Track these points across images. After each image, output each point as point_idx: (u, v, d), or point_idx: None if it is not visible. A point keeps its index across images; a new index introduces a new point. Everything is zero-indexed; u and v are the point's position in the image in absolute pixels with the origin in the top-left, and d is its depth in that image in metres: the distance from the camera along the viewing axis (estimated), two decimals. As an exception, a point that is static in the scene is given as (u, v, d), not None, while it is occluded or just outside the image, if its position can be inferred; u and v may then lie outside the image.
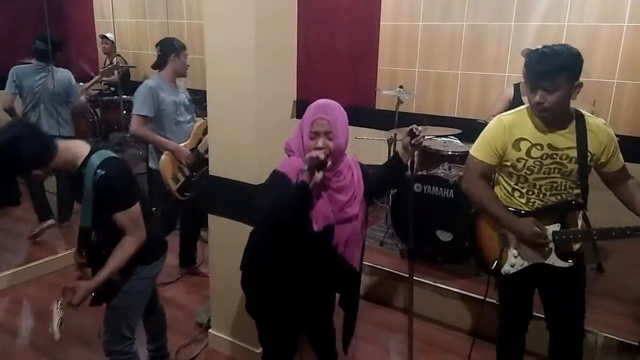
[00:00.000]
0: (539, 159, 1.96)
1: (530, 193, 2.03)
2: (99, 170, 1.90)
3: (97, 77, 5.33)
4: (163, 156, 3.31)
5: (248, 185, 2.47)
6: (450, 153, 3.62)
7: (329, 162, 1.73)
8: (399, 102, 3.87)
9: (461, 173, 3.40)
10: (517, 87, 3.75)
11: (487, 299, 2.28)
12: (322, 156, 1.70)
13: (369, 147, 4.11)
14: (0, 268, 3.65)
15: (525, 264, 2.06)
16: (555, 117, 1.90)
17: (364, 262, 2.03)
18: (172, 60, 3.37)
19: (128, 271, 2.11)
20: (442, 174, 3.35)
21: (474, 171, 2.09)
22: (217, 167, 2.65)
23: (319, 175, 1.69)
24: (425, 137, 1.99)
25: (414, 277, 3.16)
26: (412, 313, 2.48)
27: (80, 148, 1.99)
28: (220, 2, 2.45)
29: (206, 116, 2.88)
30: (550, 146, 1.94)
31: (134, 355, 2.24)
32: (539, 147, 1.95)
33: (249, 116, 2.43)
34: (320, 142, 1.76)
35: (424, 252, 3.34)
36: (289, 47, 2.55)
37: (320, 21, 4.72)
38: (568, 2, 3.83)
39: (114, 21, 6.38)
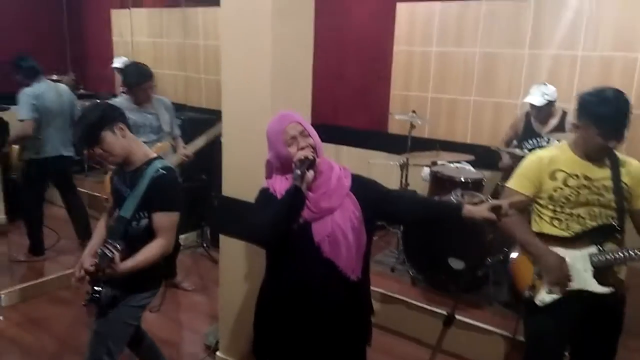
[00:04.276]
0: (575, 189, 2.02)
1: (569, 221, 2.06)
2: (160, 170, 2.05)
3: None
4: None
5: (261, 207, 2.47)
6: (463, 180, 3.60)
7: (317, 158, 1.75)
8: (412, 126, 3.89)
9: (475, 200, 3.38)
10: (527, 115, 3.76)
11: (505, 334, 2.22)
12: (310, 155, 1.73)
13: (382, 171, 4.12)
14: (12, 283, 3.67)
15: (564, 292, 2.02)
16: (594, 150, 2.00)
17: (374, 288, 1.98)
18: (127, 91, 3.37)
19: (127, 298, 2.11)
20: (454, 200, 3.32)
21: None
22: (230, 188, 2.66)
23: (310, 174, 1.71)
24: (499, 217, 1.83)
25: (426, 306, 3.16)
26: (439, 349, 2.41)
27: (150, 151, 2.18)
28: (237, 25, 2.48)
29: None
30: (586, 177, 2.02)
31: None
32: (575, 177, 2.02)
33: (263, 139, 2.44)
34: (301, 143, 1.77)
35: (436, 281, 3.30)
36: (305, 71, 2.57)
37: (334, 45, 4.78)
38: (582, 31, 3.84)
39: (132, 41, 6.51)
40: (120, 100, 3.38)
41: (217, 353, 2.89)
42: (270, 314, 1.94)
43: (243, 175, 2.57)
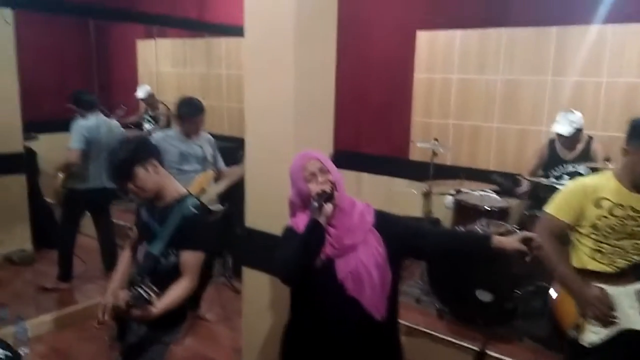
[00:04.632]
0: (621, 219, 1.95)
1: (612, 254, 1.98)
2: (192, 209, 2.06)
3: None
4: None
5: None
6: (487, 208, 3.55)
7: (336, 193, 1.76)
8: (434, 154, 3.86)
9: (501, 230, 3.33)
10: (551, 142, 3.70)
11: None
12: (327, 188, 1.75)
13: (404, 198, 4.09)
14: (38, 313, 3.70)
15: (612, 331, 1.93)
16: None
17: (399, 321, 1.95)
18: (179, 122, 3.62)
19: (153, 335, 2.11)
20: (479, 230, 3.27)
21: (545, 228, 2.06)
22: (253, 219, 2.66)
23: (328, 207, 1.71)
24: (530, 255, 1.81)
25: (453, 340, 3.08)
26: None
27: (181, 187, 2.19)
28: (260, 54, 2.51)
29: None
30: (633, 209, 1.94)
31: None
32: (621, 207, 1.95)
33: (286, 168, 2.45)
34: (320, 179, 1.80)
35: (463, 313, 3.23)
36: (327, 99, 2.59)
37: (355, 73, 4.81)
38: (606, 57, 3.79)
39: (157, 70, 6.66)
40: (167, 132, 3.67)
41: (241, 387, 2.86)
42: (295, 352, 1.92)
43: (266, 208, 2.57)
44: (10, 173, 4.71)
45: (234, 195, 3.77)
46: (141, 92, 6.23)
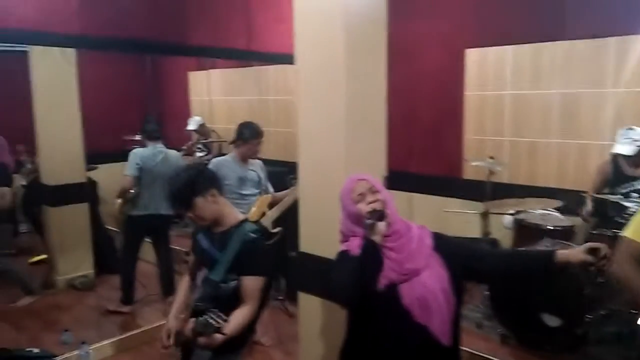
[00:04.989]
0: None
1: None
2: (252, 234, 2.09)
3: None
4: None
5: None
6: (551, 227, 3.38)
7: (387, 212, 1.73)
8: (490, 173, 3.74)
9: (566, 250, 3.16)
10: (615, 158, 3.51)
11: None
12: (378, 206, 1.73)
13: (459, 219, 3.97)
14: (100, 338, 3.78)
15: None
16: None
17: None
18: (238, 145, 3.71)
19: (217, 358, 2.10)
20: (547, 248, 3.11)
21: (622, 252, 1.92)
22: (308, 244, 2.65)
23: (382, 224, 1.69)
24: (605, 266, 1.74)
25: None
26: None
27: (239, 213, 2.23)
28: (312, 79, 2.52)
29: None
30: None
31: None
32: None
33: (339, 191, 2.43)
34: (369, 198, 1.78)
35: (528, 339, 3.06)
36: (379, 121, 2.57)
37: (405, 94, 4.77)
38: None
39: (210, 99, 6.89)
40: (228, 158, 3.82)
41: (299, 415, 2.81)
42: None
43: (319, 232, 2.55)
44: (74, 202, 4.93)
45: (286, 218, 3.79)
46: (192, 125, 6.47)
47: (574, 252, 1.74)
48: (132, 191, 4.18)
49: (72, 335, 3.78)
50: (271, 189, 3.89)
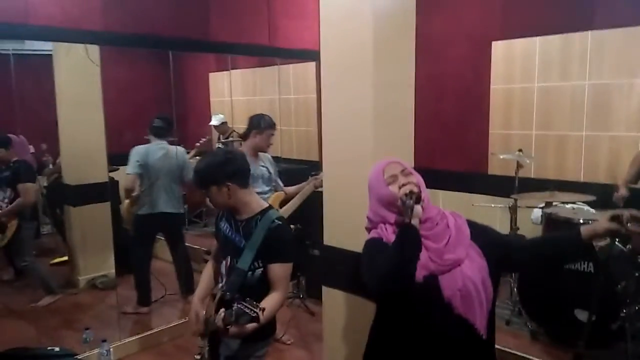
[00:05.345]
0: None
1: None
2: (276, 221, 2.06)
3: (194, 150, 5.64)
4: None
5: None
6: (582, 221, 3.25)
7: (422, 194, 1.63)
8: (519, 166, 3.63)
9: (601, 243, 3.03)
10: None
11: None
12: (414, 188, 1.63)
13: (485, 214, 3.86)
14: (120, 337, 3.78)
15: None
16: None
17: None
18: (252, 136, 3.55)
19: (247, 349, 2.07)
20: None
21: None
22: (332, 237, 2.59)
23: (418, 207, 1.57)
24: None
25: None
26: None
27: (262, 201, 2.21)
28: (338, 73, 2.47)
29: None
30: None
31: None
32: None
33: (363, 187, 2.36)
34: (402, 180, 1.69)
35: (560, 335, 2.94)
36: (406, 116, 2.50)
37: (430, 88, 4.69)
38: None
39: (232, 100, 6.89)
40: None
41: (322, 413, 2.73)
42: None
43: (344, 225, 2.49)
44: (95, 202, 4.93)
45: (306, 215, 3.73)
46: (215, 120, 6.46)
47: (598, 223, 1.67)
48: (136, 192, 4.16)
49: (92, 334, 3.75)
50: (281, 185, 3.79)
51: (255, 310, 1.78)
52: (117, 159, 5.57)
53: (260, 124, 3.55)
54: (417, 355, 1.69)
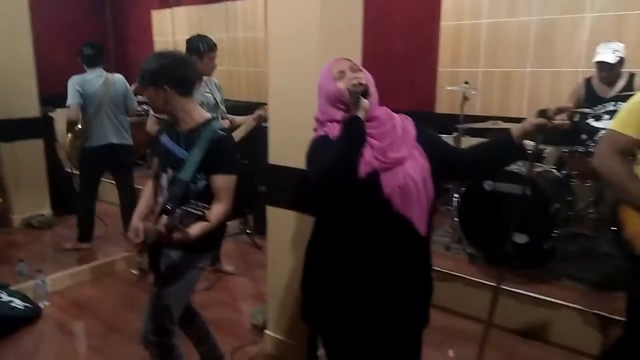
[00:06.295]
0: None
1: None
2: (219, 132, 2.01)
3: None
4: None
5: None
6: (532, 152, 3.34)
7: (370, 89, 1.62)
8: (464, 99, 3.67)
9: (538, 169, 3.14)
10: (588, 81, 3.49)
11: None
12: (362, 81, 1.62)
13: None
14: (57, 270, 3.64)
15: None
16: None
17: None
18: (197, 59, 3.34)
19: (189, 260, 2.06)
20: (515, 169, 3.08)
21: (611, 145, 1.88)
22: (277, 155, 2.53)
23: (365, 101, 1.57)
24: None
25: (486, 282, 2.93)
26: (491, 322, 2.23)
27: (205, 112, 2.14)
28: (285, 8, 2.38)
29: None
30: None
31: (173, 347, 2.13)
32: None
33: (311, 100, 2.30)
34: (350, 75, 1.66)
35: (496, 257, 3.05)
36: (354, 54, 2.41)
37: (379, 27, 4.61)
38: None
39: (173, 39, 6.57)
40: None
41: (266, 331, 2.74)
42: (325, 274, 1.77)
43: (290, 142, 2.44)
44: (28, 138, 4.69)
45: (254, 151, 3.64)
46: None
47: (526, 121, 1.69)
48: (80, 126, 3.94)
49: (26, 267, 3.60)
50: (226, 113, 3.61)
51: (200, 209, 1.72)
52: (52, 100, 5.27)
53: (200, 48, 3.35)
54: (357, 255, 1.69)
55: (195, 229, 1.84)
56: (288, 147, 2.47)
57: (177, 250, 2.03)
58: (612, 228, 1.99)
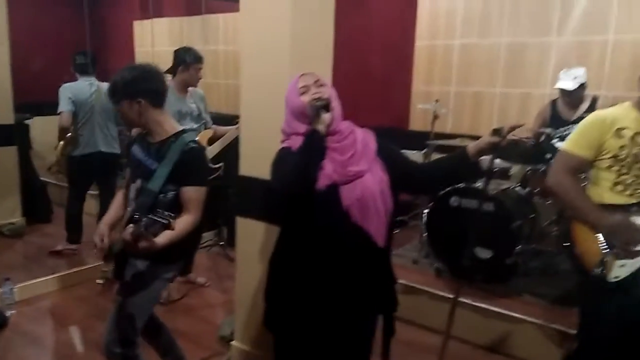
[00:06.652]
0: None
1: (634, 184, 1.90)
2: (191, 143, 2.01)
3: None
4: None
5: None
6: (486, 168, 3.44)
7: (332, 104, 1.68)
8: (435, 117, 3.77)
9: (503, 187, 3.24)
10: (553, 103, 3.62)
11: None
12: (323, 95, 1.68)
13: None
14: (26, 278, 3.60)
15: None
16: None
17: (398, 281, 1.89)
18: (180, 72, 3.43)
19: (155, 270, 2.06)
20: (480, 186, 3.17)
21: (563, 165, 1.98)
22: (248, 166, 2.57)
23: (326, 115, 1.64)
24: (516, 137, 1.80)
25: (450, 296, 2.99)
26: (449, 333, 2.29)
27: (177, 124, 2.15)
28: (256, 24, 2.45)
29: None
30: None
31: (136, 357, 2.12)
32: None
33: (280, 113, 2.34)
34: (313, 90, 1.72)
35: (461, 272, 3.12)
36: (324, 71, 2.47)
37: (354, 45, 4.71)
38: (614, 13, 3.69)
39: (153, 50, 6.57)
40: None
41: (232, 342, 2.75)
42: (287, 283, 1.81)
43: (261, 154, 2.42)
44: (0, 145, 4.62)
45: (229, 163, 3.67)
46: None
47: (481, 139, 1.75)
48: (70, 133, 3.95)
49: (-6, 275, 3.56)
50: (211, 122, 3.67)
51: (166, 217, 1.74)
52: (28, 108, 5.24)
53: (186, 59, 3.41)
54: (316, 265, 1.74)
55: (162, 238, 1.84)
56: (258, 159, 2.49)
57: (143, 260, 2.03)
58: (565, 244, 2.08)
